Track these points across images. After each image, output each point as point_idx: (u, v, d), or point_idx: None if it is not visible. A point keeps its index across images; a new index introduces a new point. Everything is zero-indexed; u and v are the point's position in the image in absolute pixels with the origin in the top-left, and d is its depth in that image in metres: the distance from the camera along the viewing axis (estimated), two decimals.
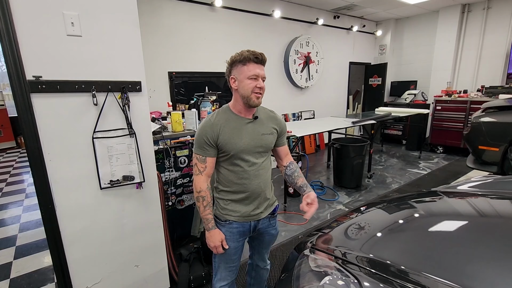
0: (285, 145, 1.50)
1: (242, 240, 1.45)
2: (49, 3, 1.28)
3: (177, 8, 3.92)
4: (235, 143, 1.29)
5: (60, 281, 1.54)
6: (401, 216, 1.24)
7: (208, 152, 1.30)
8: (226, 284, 1.47)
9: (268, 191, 1.43)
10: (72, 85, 1.38)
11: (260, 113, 1.38)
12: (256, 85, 1.26)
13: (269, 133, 1.37)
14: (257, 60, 1.28)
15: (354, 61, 6.91)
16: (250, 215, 1.38)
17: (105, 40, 1.44)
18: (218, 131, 1.28)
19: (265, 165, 1.39)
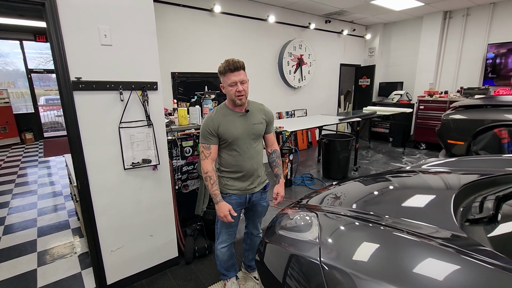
0: (272, 133, 1.81)
1: (239, 210, 1.79)
2: (88, 19, 1.63)
3: (180, 14, 4.26)
4: (231, 132, 1.62)
5: (91, 244, 1.88)
6: (370, 184, 1.59)
7: (211, 141, 1.63)
8: (226, 245, 1.83)
9: (260, 170, 1.78)
10: (104, 85, 1.73)
11: (251, 106, 1.70)
12: (236, 90, 1.56)
13: (259, 122, 1.69)
14: (233, 69, 1.54)
15: (345, 63, 7.31)
16: (246, 189, 1.73)
17: (130, 48, 1.79)
18: (218, 124, 1.61)
19: (257, 149, 1.73)
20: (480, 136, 3.13)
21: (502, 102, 3.25)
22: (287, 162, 3.98)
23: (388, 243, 0.81)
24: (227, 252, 1.86)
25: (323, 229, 0.91)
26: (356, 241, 0.83)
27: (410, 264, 0.71)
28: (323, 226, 0.93)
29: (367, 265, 0.74)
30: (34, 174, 4.73)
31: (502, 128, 2.96)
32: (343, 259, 0.78)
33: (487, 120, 3.06)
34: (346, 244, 0.84)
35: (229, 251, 1.87)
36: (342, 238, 0.89)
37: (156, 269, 2.18)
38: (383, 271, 0.71)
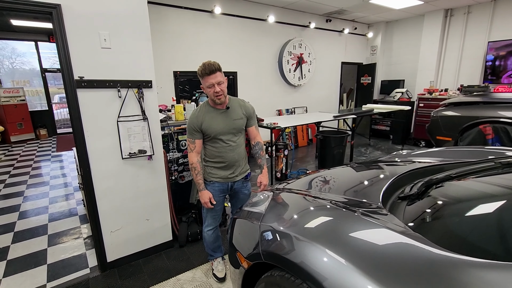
0: (253, 126, 1.96)
1: (222, 196, 1.98)
2: (90, 25, 1.85)
3: (182, 16, 4.48)
4: (214, 128, 1.80)
5: (93, 225, 2.12)
6: (334, 171, 1.76)
7: (196, 136, 1.83)
8: (212, 228, 2.04)
9: (242, 161, 1.95)
10: (104, 83, 1.95)
11: (231, 103, 1.86)
12: (214, 91, 1.72)
13: (239, 118, 1.86)
14: (209, 72, 1.69)
15: (346, 61, 7.40)
16: (228, 177, 1.91)
17: (127, 50, 2.01)
18: (201, 121, 1.79)
19: (238, 142, 1.89)
20: (466, 133, 3.23)
21: (495, 99, 3.33)
22: (282, 157, 4.15)
23: (316, 211, 0.99)
24: (212, 234, 2.05)
25: (271, 203, 1.10)
26: (289, 209, 1.01)
27: (327, 223, 0.88)
28: (272, 201, 1.11)
29: (293, 224, 0.93)
30: (47, 167, 5.06)
31: (487, 125, 3.05)
32: (274, 221, 0.97)
33: (473, 117, 3.16)
34: (281, 212, 1.03)
35: (214, 234, 2.06)
36: (279, 208, 1.07)
37: (152, 250, 2.41)
38: (299, 227, 0.89)
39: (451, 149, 2.05)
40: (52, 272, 2.22)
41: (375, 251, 0.68)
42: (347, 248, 0.72)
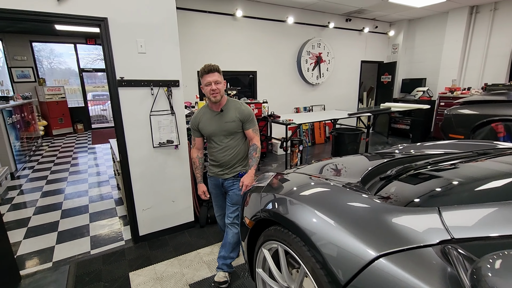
0: (250, 129, 1.96)
1: (218, 189, 2.08)
2: (130, 34, 2.20)
3: (206, 19, 4.83)
4: (206, 129, 1.93)
5: (128, 204, 2.50)
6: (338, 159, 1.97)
7: (195, 134, 2.02)
8: (219, 215, 2.22)
9: (233, 162, 1.98)
10: (139, 82, 2.30)
11: (228, 105, 1.91)
12: (210, 89, 1.81)
13: (232, 121, 1.89)
14: (207, 71, 1.80)
15: (366, 60, 7.42)
16: (218, 174, 2.02)
17: (159, 54, 2.34)
18: (198, 121, 1.96)
19: (230, 144, 1.94)
20: (478, 130, 3.28)
21: None
22: (297, 152, 4.37)
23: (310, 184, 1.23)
24: (221, 220, 2.23)
25: (274, 179, 1.36)
26: (288, 183, 1.26)
27: (317, 192, 1.13)
28: (275, 178, 1.37)
29: (290, 192, 1.17)
30: (85, 157, 5.64)
31: (499, 123, 3.09)
32: (273, 191, 1.23)
33: (486, 115, 3.21)
34: (281, 184, 1.28)
35: (223, 220, 2.18)
36: (280, 182, 1.33)
37: (177, 229, 2.75)
38: (294, 194, 1.14)
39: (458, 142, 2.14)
40: (94, 242, 2.63)
41: (346, 208, 0.93)
42: (329, 208, 0.96)
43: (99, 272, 2.20)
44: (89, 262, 2.32)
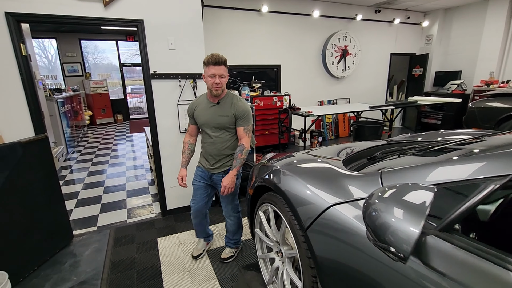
0: (241, 128, 1.87)
1: (203, 182, 2.02)
2: (161, 33, 2.53)
3: (233, 15, 5.09)
4: (200, 118, 1.91)
5: (158, 181, 2.87)
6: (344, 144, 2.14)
7: (190, 121, 2.01)
8: (192, 213, 2.10)
9: (223, 157, 1.93)
10: (169, 75, 2.63)
11: (226, 100, 1.86)
12: (214, 81, 1.75)
13: (225, 115, 1.84)
14: (215, 62, 1.72)
15: (396, 52, 7.21)
16: (206, 167, 2.00)
17: (186, 50, 2.65)
18: (194, 109, 1.95)
19: (220, 137, 1.89)
20: (503, 124, 3.19)
21: None
22: (316, 143, 4.52)
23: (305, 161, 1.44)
24: (194, 219, 2.14)
25: (280, 158, 1.59)
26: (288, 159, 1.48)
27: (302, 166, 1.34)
28: (277, 155, 1.61)
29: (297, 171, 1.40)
30: (123, 144, 6.26)
31: None
32: (277, 166, 1.46)
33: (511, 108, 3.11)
34: (283, 160, 1.50)
35: (195, 220, 2.14)
36: (279, 158, 1.55)
37: None
38: (279, 164, 1.35)
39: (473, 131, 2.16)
40: (130, 214, 3.06)
41: (316, 175, 1.14)
42: (303, 174, 1.18)
43: (133, 236, 2.61)
44: (125, 229, 2.74)
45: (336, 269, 0.90)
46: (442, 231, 0.68)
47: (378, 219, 0.63)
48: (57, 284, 2.02)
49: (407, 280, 0.68)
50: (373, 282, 0.78)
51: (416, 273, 0.67)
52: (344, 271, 0.88)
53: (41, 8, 2.13)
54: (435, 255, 0.66)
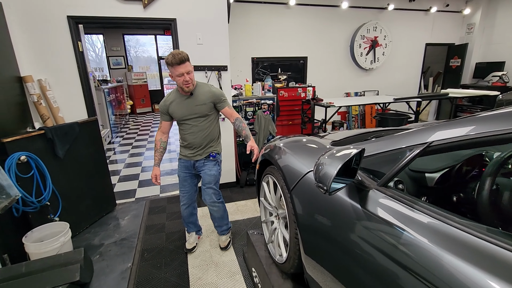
0: (226, 107, 2.00)
1: (188, 172, 2.09)
2: (191, 29, 2.85)
3: (260, 9, 5.29)
4: (177, 113, 1.94)
5: None
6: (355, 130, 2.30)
7: (163, 118, 2.02)
8: (184, 205, 2.18)
9: (205, 143, 2.01)
10: (198, 67, 2.95)
11: (198, 90, 1.93)
12: (184, 80, 1.79)
13: (202, 103, 1.91)
14: (179, 62, 1.75)
15: (432, 42, 6.89)
16: (188, 156, 2.04)
17: (212, 45, 2.95)
18: (168, 105, 1.95)
19: (202, 126, 1.96)
20: None
21: None
22: None
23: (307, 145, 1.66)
24: (185, 211, 2.21)
25: (283, 138, 1.82)
26: (288, 139, 1.71)
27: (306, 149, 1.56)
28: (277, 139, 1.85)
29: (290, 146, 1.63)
30: None
31: None
32: (279, 145, 1.69)
33: None
34: (284, 140, 1.73)
35: (187, 210, 2.22)
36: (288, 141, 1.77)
37: (221, 186, 3.39)
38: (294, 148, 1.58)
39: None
40: (162, 189, 3.50)
41: (304, 150, 1.37)
42: (295, 149, 1.41)
43: (164, 207, 3.02)
44: (158, 201, 3.17)
45: (309, 222, 1.14)
46: (381, 186, 0.89)
47: (318, 168, 0.85)
48: (104, 238, 2.49)
49: (357, 223, 0.91)
50: (333, 230, 1.01)
51: (361, 217, 0.89)
52: (314, 224, 1.11)
53: (93, 11, 2.55)
54: (375, 203, 0.87)
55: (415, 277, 0.67)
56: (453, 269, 0.60)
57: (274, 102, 3.85)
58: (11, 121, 2.19)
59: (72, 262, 1.83)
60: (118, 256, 2.26)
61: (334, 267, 1.02)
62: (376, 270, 0.80)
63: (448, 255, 0.63)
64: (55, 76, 2.60)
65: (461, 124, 0.79)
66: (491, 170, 0.84)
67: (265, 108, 3.76)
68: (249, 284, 1.92)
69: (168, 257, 2.24)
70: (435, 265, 0.64)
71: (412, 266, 0.69)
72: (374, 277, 0.80)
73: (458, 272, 0.59)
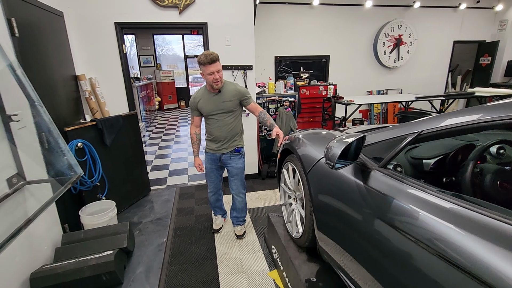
0: (251, 103, 2.20)
1: (215, 165, 2.29)
2: (220, 32, 3.12)
3: (284, 10, 5.48)
4: (205, 108, 2.13)
5: None
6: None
7: (194, 113, 2.23)
8: (211, 192, 2.46)
9: (230, 137, 2.19)
10: (225, 67, 3.20)
11: (226, 87, 2.11)
12: (214, 78, 1.97)
13: (229, 100, 2.09)
14: (211, 61, 1.93)
15: (461, 40, 6.71)
16: (215, 149, 2.23)
17: (238, 46, 3.20)
18: (197, 101, 2.15)
19: (227, 120, 2.13)
20: None
21: None
22: None
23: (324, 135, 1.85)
24: (212, 197, 2.49)
25: (303, 131, 2.03)
26: (307, 131, 1.91)
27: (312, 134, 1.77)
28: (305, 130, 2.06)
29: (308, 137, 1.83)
30: (185, 126, 7.25)
31: None
32: (299, 136, 1.91)
33: None
34: (303, 132, 1.94)
35: (214, 197, 2.49)
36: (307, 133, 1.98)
37: (246, 177, 3.66)
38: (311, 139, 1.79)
39: None
40: (190, 179, 3.82)
41: (319, 140, 1.58)
42: (311, 140, 1.62)
43: (193, 193, 3.34)
44: (187, 188, 3.50)
45: (321, 200, 1.35)
46: (380, 167, 1.08)
47: (328, 150, 1.06)
48: (142, 217, 2.84)
49: (360, 197, 1.11)
50: (340, 205, 1.23)
51: (364, 193, 1.10)
52: (324, 201, 1.33)
53: (136, 18, 2.89)
54: (375, 180, 1.07)
55: (403, 235, 0.87)
56: (429, 224, 0.80)
57: (296, 99, 4.04)
58: (69, 113, 2.57)
59: (119, 232, 2.17)
60: (155, 232, 2.59)
61: (341, 239, 1.23)
62: (374, 233, 1.00)
63: (425, 214, 0.83)
64: (103, 75, 2.98)
65: (443, 118, 0.98)
66: (473, 156, 1.01)
67: (286, 105, 3.97)
68: (269, 261, 2.17)
69: (198, 235, 2.53)
70: (417, 223, 0.84)
71: (400, 225, 0.89)
72: (373, 239, 1.01)
73: (433, 227, 0.79)
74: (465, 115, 0.87)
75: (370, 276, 1.02)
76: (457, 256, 0.70)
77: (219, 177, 2.44)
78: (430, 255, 0.77)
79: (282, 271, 1.87)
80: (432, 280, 0.76)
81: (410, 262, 0.84)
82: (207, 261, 2.19)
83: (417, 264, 0.81)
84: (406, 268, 0.86)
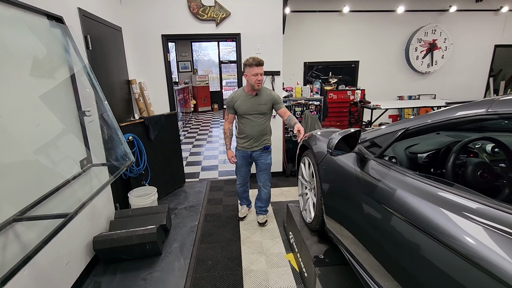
0: (282, 108, 2.40)
1: (245, 161, 2.55)
2: (251, 41, 3.45)
3: (314, 18, 5.70)
4: (241, 108, 2.35)
5: None
6: None
7: (229, 111, 2.45)
8: (239, 184, 2.74)
9: (260, 137, 2.43)
10: None
11: (262, 91, 2.36)
12: (257, 79, 2.22)
13: (263, 103, 2.33)
14: (257, 64, 2.19)
15: (504, 44, 6.39)
16: (246, 147, 2.48)
17: (268, 53, 3.51)
18: (234, 101, 2.38)
19: (259, 121, 2.38)
20: None
21: None
22: None
23: None
24: (240, 188, 2.77)
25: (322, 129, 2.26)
26: (323, 129, 2.13)
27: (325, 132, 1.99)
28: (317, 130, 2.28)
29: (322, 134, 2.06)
30: (217, 127, 7.72)
31: None
32: (316, 133, 2.14)
33: None
34: (321, 130, 2.16)
35: (242, 188, 2.77)
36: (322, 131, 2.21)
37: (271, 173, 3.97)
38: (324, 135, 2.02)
39: None
40: (220, 173, 4.19)
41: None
42: (323, 136, 1.85)
43: (222, 187, 3.69)
44: (217, 182, 3.86)
45: (328, 186, 1.59)
46: (377, 157, 1.30)
47: (329, 140, 1.31)
48: (177, 204, 3.24)
49: (358, 183, 1.34)
50: (343, 189, 1.46)
51: (363, 178, 1.32)
52: (330, 187, 1.56)
53: (180, 30, 3.34)
54: (373, 169, 1.29)
55: (393, 214, 1.08)
56: (414, 204, 1.00)
57: (321, 103, 4.24)
58: (123, 112, 3.06)
59: (160, 212, 2.56)
60: (188, 217, 2.96)
61: (343, 219, 1.46)
62: (371, 212, 1.22)
63: (411, 196, 1.03)
64: (150, 80, 3.46)
65: (426, 117, 1.18)
66: (455, 149, 1.19)
67: (312, 109, 4.19)
68: (286, 245, 2.42)
69: (225, 221, 2.86)
70: (403, 202, 1.05)
71: (389, 205, 1.10)
72: (369, 218, 1.23)
73: (417, 206, 0.98)
74: (442, 115, 1.08)
75: (367, 251, 1.23)
76: (426, 224, 0.90)
77: (248, 172, 2.71)
78: (409, 225, 0.96)
79: (296, 253, 2.11)
80: (415, 244, 0.93)
81: (394, 234, 1.05)
82: (232, 242, 2.49)
83: (401, 236, 1.01)
84: (394, 240, 1.06)
